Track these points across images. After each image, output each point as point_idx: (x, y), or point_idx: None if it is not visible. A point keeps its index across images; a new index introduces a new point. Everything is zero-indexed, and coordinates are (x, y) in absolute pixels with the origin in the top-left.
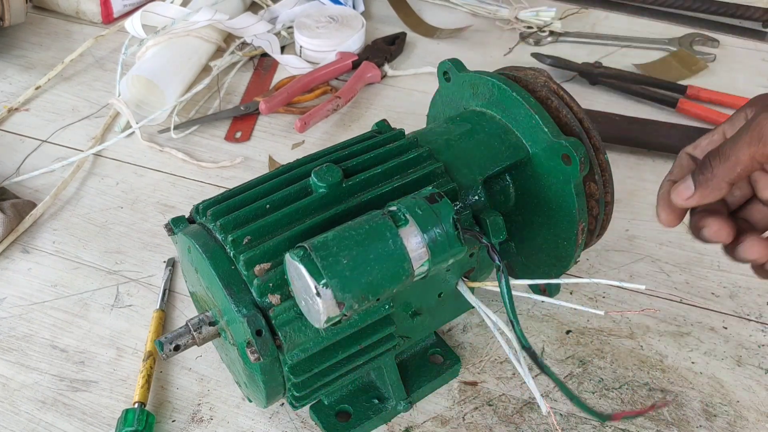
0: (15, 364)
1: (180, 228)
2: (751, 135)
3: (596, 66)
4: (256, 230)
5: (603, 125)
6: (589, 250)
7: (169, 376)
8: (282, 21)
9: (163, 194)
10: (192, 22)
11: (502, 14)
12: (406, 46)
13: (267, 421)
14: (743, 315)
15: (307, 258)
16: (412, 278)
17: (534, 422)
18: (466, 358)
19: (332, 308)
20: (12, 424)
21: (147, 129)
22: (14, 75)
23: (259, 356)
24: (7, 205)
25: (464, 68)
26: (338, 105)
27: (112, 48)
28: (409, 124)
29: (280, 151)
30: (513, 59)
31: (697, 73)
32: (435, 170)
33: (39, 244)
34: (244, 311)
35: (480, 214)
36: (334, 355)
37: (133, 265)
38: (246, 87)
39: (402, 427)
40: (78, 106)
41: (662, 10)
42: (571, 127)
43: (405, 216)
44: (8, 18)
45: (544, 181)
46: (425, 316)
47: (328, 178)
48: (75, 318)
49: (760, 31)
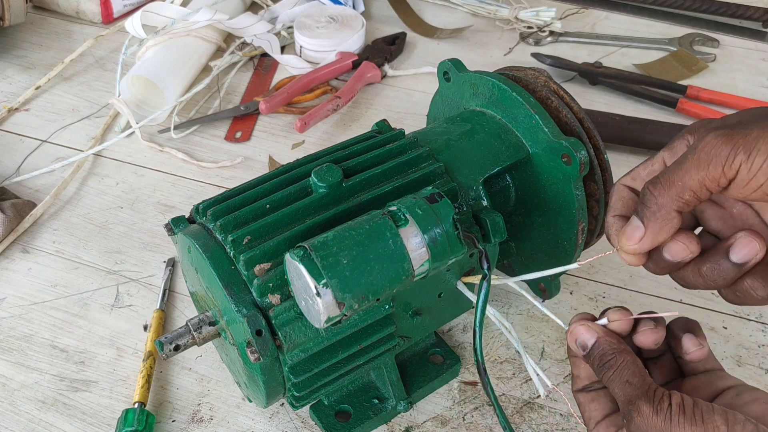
0: (15, 364)
1: (180, 228)
2: (698, 157)
3: (596, 66)
4: (256, 230)
5: (603, 125)
6: (589, 250)
7: (169, 376)
8: (282, 21)
9: (163, 194)
10: (192, 22)
11: (502, 14)
12: (406, 46)
13: (267, 421)
14: (743, 315)
15: (307, 258)
16: (412, 278)
17: (534, 422)
18: (466, 358)
19: (332, 308)
20: (12, 424)
21: (147, 129)
22: (14, 75)
23: (259, 356)
24: (7, 205)
25: (464, 68)
26: (338, 105)
27: (112, 48)
28: (409, 124)
29: (280, 151)
30: (513, 59)
31: (697, 73)
32: (435, 170)
33: (39, 244)
34: (244, 311)
35: (480, 214)
36: (334, 355)
37: (133, 265)
38: (246, 87)
39: (402, 427)
40: (78, 106)
41: (662, 10)
42: (571, 127)
43: (405, 216)
44: (8, 18)
45: (544, 181)
46: (425, 316)
47: (328, 178)
48: (75, 318)
49: (760, 31)
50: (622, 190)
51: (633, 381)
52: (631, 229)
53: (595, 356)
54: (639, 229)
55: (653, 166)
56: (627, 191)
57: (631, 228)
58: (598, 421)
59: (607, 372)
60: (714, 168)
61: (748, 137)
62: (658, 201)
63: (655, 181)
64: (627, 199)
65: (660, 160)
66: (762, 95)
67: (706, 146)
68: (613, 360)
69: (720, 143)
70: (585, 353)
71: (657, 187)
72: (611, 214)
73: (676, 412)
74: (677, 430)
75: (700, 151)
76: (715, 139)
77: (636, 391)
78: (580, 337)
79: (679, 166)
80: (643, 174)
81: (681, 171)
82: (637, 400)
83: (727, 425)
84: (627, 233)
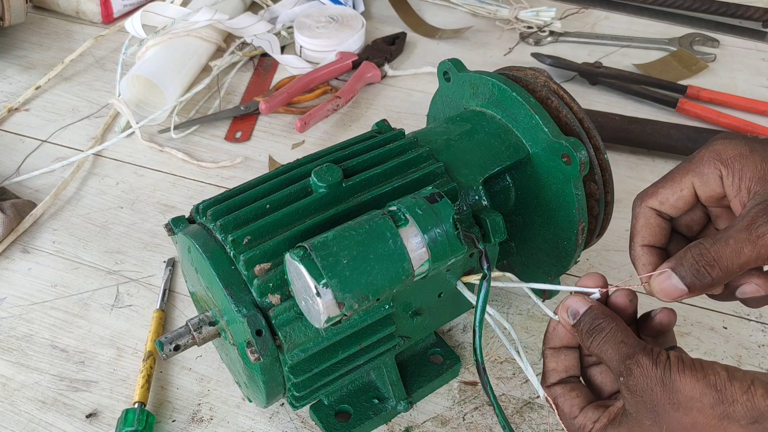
0: (15, 364)
1: (180, 228)
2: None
3: (596, 66)
4: (256, 230)
5: (603, 125)
6: (589, 250)
7: (169, 376)
8: (282, 21)
9: (163, 194)
10: (192, 22)
11: (502, 14)
12: (406, 46)
13: (267, 421)
14: (743, 315)
15: (307, 258)
16: (412, 278)
17: (534, 422)
18: (466, 358)
19: (332, 308)
20: (12, 424)
21: (147, 129)
22: (14, 75)
23: (259, 356)
24: (7, 205)
25: (464, 68)
26: (338, 105)
27: (112, 48)
28: (409, 124)
29: (280, 151)
30: (513, 59)
31: (697, 73)
32: (435, 170)
33: (39, 244)
34: (244, 311)
35: (480, 214)
36: (334, 355)
37: (133, 265)
38: (246, 87)
39: (402, 427)
40: (78, 106)
41: (662, 10)
42: (571, 127)
43: (405, 216)
44: (8, 18)
45: (544, 181)
46: (425, 316)
47: (328, 178)
48: (75, 318)
49: (760, 31)
50: (650, 216)
51: (628, 341)
52: (670, 287)
53: (586, 321)
54: (679, 291)
55: (682, 192)
56: (654, 216)
57: (671, 286)
58: (583, 407)
59: (599, 335)
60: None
61: None
62: (714, 279)
63: (711, 263)
64: (655, 226)
65: (689, 187)
66: (762, 95)
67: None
68: (606, 323)
69: None
70: (575, 321)
71: (714, 269)
72: (639, 243)
73: (675, 363)
74: (677, 377)
75: (757, 243)
76: None
77: (633, 349)
78: (573, 305)
79: (737, 254)
80: (672, 200)
81: (738, 258)
82: (636, 354)
83: (727, 372)
84: (664, 288)
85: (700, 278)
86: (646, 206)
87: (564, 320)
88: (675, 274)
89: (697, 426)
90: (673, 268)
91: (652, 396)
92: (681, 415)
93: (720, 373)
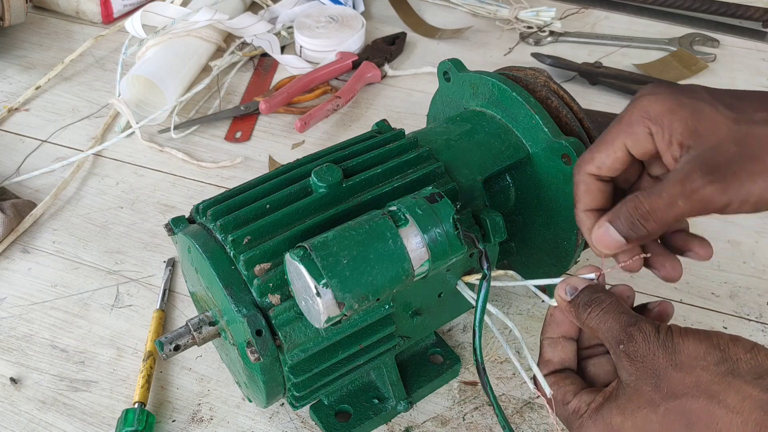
0: (15, 364)
1: (180, 228)
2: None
3: (596, 66)
4: (256, 230)
5: (603, 125)
6: (588, 249)
7: (169, 376)
8: (282, 21)
9: (163, 194)
10: (192, 22)
11: (502, 14)
12: (406, 46)
13: (267, 421)
14: (743, 315)
15: (307, 258)
16: (412, 278)
17: (534, 422)
18: (466, 358)
19: (332, 308)
20: (12, 424)
21: (147, 129)
22: (14, 75)
23: (259, 356)
24: (7, 205)
25: (464, 68)
26: (338, 105)
27: (112, 48)
28: (409, 124)
29: (280, 151)
30: (513, 59)
31: (697, 73)
32: (435, 170)
33: (39, 244)
34: (244, 311)
35: (480, 214)
36: (334, 355)
37: (133, 265)
38: (246, 87)
39: (402, 427)
40: (78, 106)
41: (662, 10)
42: (571, 127)
43: (405, 216)
44: (8, 18)
45: (544, 181)
46: (425, 316)
47: (328, 178)
48: (75, 318)
49: (760, 31)
50: (590, 182)
51: (629, 312)
52: (609, 239)
53: (584, 294)
54: (617, 242)
55: (616, 153)
56: (594, 181)
57: (609, 238)
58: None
59: (597, 307)
60: (704, 210)
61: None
62: (648, 231)
63: (645, 216)
64: (596, 191)
65: (622, 148)
66: None
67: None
68: (606, 296)
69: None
70: (572, 297)
71: (649, 222)
72: (582, 209)
73: (676, 329)
74: (680, 339)
75: (691, 198)
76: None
77: (634, 318)
78: (572, 282)
79: (671, 207)
80: (608, 163)
81: (672, 211)
82: (638, 322)
83: (729, 336)
84: (603, 241)
85: (635, 230)
86: (585, 173)
87: (561, 298)
88: (612, 227)
89: (700, 385)
90: (611, 221)
91: (654, 360)
92: (683, 376)
93: (723, 336)
